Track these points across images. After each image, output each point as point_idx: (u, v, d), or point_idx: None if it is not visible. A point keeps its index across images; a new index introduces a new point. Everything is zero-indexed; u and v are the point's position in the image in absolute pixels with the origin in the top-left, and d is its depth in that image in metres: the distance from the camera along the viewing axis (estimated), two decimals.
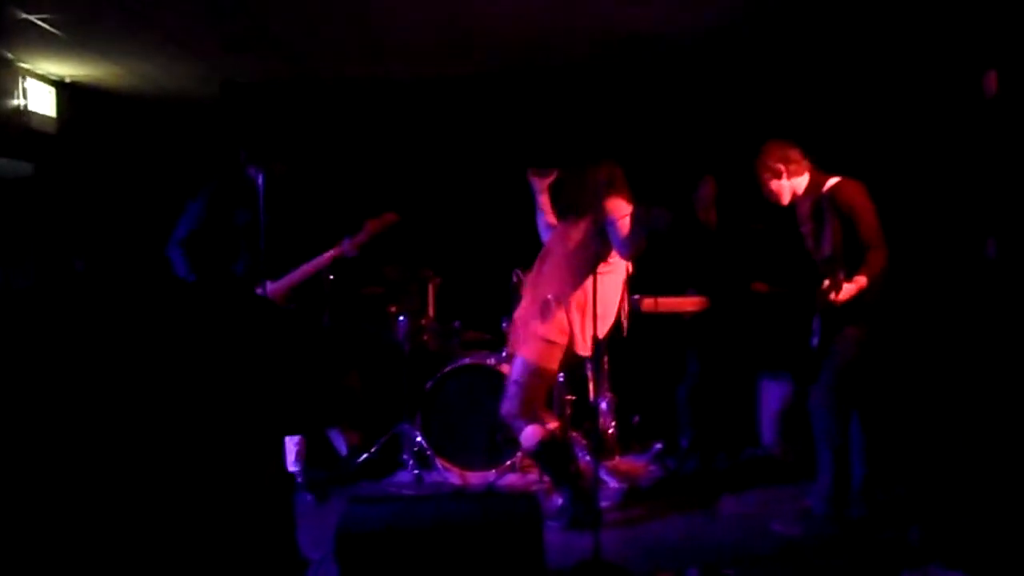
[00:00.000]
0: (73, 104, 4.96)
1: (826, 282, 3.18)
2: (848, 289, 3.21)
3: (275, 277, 3.82)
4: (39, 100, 4.71)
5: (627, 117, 3.58)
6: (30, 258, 4.23)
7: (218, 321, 1.53)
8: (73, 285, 1.52)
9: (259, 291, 3.63)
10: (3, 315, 1.49)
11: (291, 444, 4.04)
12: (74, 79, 4.89)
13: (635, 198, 3.48)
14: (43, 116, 4.74)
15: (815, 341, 3.45)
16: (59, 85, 4.87)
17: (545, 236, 3.74)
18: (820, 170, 3.45)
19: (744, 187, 4.49)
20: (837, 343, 3.38)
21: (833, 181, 3.38)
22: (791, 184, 3.45)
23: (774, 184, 3.46)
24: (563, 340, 3.47)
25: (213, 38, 4.26)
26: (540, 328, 3.48)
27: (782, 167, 3.43)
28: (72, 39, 4.19)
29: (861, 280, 3.24)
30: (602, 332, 3.43)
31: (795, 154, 3.43)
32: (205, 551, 1.46)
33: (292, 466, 4.05)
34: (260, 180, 3.60)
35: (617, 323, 3.61)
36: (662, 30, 4.17)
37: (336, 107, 5.55)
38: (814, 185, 3.41)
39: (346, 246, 3.92)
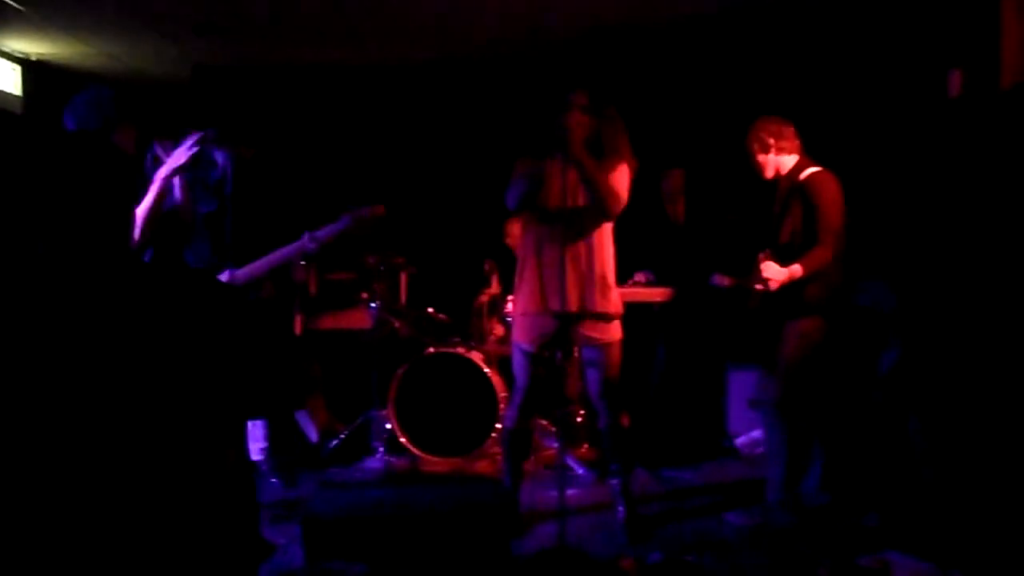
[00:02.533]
0: (39, 83, 4.88)
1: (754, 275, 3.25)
2: (778, 272, 3.25)
3: (239, 264, 3.77)
4: (3, 78, 4.63)
5: (599, 107, 3.59)
6: None
7: (176, 305, 1.53)
8: (32, 268, 1.51)
9: (223, 277, 3.60)
10: None
11: (257, 428, 4.03)
12: (40, 57, 4.80)
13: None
14: (8, 95, 4.66)
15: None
16: (25, 63, 4.78)
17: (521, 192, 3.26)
18: (808, 157, 3.48)
19: (720, 178, 4.52)
20: (783, 335, 3.43)
21: (812, 170, 3.41)
22: (777, 160, 3.47)
23: (760, 156, 3.48)
24: None
25: (184, 19, 4.21)
26: (617, 307, 3.35)
27: (772, 141, 3.45)
28: (38, 15, 4.12)
29: (796, 269, 3.26)
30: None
31: (788, 132, 3.46)
32: (165, 537, 1.47)
33: (257, 452, 4.04)
34: (228, 165, 3.57)
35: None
36: (635, 20, 4.19)
37: (308, 93, 5.51)
38: (796, 170, 3.44)
39: (306, 241, 3.84)
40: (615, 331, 3.34)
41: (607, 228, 3.32)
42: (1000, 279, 3.57)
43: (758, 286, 3.30)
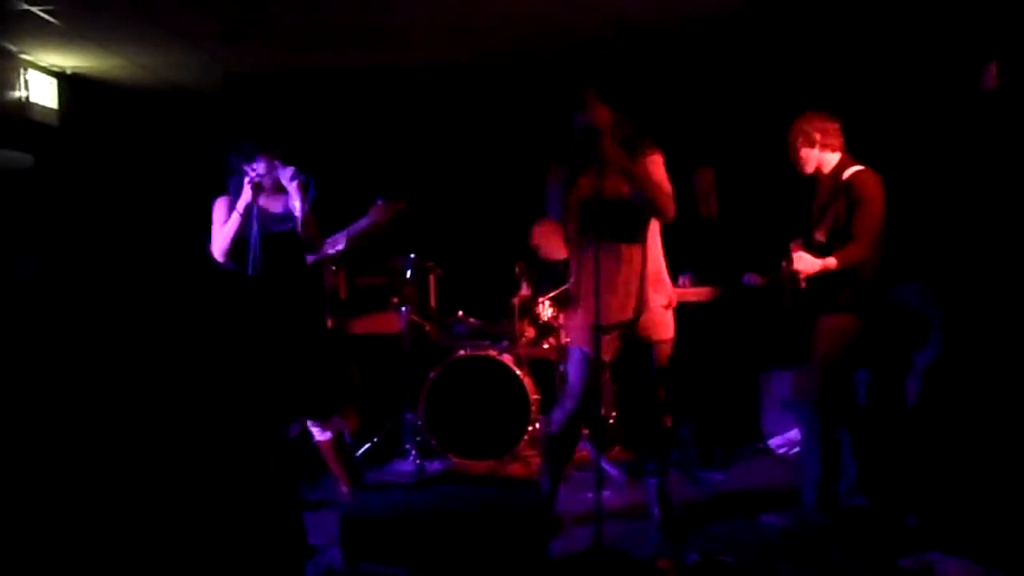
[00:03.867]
0: (75, 96, 4.97)
1: (785, 261, 3.22)
2: (811, 263, 3.21)
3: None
4: (41, 92, 4.71)
5: (627, 107, 3.58)
6: (32, 248, 4.26)
7: (223, 311, 1.55)
8: (81, 274, 1.54)
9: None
10: (10, 303, 1.51)
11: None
12: (76, 71, 4.88)
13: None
14: (45, 108, 4.74)
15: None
16: (61, 77, 4.86)
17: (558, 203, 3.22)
18: (850, 155, 3.44)
19: (753, 175, 4.47)
20: (816, 333, 3.39)
21: (855, 169, 3.37)
22: (820, 156, 3.43)
23: (804, 151, 3.44)
24: None
25: (214, 29, 4.26)
26: (672, 301, 3.34)
27: (818, 136, 3.41)
28: (73, 30, 4.19)
29: (830, 261, 3.22)
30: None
31: (833, 128, 3.42)
32: (215, 537, 1.49)
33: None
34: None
35: None
36: (663, 18, 4.18)
37: (338, 98, 5.55)
38: (839, 168, 3.40)
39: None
40: (668, 327, 3.29)
41: (654, 223, 3.27)
42: None
43: (792, 269, 3.25)
